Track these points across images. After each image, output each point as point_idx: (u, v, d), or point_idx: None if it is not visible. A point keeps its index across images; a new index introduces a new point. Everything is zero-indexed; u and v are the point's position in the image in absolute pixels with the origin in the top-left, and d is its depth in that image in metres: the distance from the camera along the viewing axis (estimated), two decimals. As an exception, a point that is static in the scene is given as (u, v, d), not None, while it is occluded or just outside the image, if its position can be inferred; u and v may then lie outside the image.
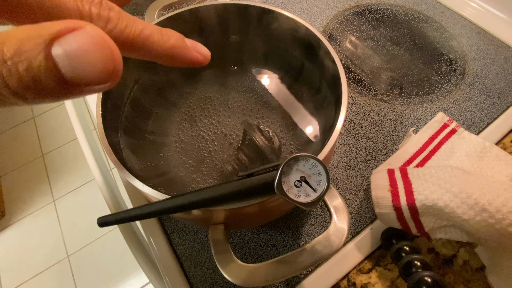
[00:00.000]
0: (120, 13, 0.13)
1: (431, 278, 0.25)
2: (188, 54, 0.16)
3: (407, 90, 0.43)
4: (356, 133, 0.39)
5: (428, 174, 0.28)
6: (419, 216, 0.28)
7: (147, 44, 0.14)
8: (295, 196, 0.20)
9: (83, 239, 1.15)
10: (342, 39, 0.49)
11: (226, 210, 0.22)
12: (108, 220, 0.19)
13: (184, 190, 0.30)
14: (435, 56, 0.46)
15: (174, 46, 0.15)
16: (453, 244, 0.32)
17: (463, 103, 0.41)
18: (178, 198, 0.20)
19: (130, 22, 0.13)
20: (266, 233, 0.33)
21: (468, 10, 0.52)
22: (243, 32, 0.35)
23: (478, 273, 0.30)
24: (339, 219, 0.23)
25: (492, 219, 0.24)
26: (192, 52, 0.16)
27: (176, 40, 0.15)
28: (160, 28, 0.15)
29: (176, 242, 0.33)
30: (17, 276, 1.09)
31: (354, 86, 0.44)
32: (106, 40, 0.11)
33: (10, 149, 1.38)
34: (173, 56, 0.15)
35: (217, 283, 0.31)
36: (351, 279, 0.31)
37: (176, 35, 0.16)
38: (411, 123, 0.40)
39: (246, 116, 0.34)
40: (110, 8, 0.13)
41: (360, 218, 0.34)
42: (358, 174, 0.36)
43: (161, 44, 0.15)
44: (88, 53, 0.10)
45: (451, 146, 0.34)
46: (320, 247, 0.22)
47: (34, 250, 1.14)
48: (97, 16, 0.12)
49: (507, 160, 0.32)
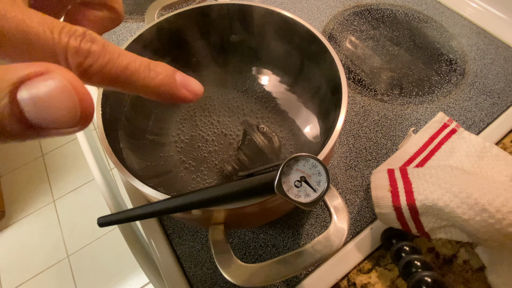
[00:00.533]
0: (104, 47, 0.12)
1: (431, 278, 0.25)
2: (176, 92, 0.15)
3: (407, 90, 0.43)
4: (356, 133, 0.39)
5: (428, 174, 0.28)
6: (419, 216, 0.28)
7: (131, 81, 0.13)
8: (295, 196, 0.20)
9: (83, 239, 1.15)
10: (342, 39, 0.49)
11: (226, 210, 0.22)
12: (108, 220, 0.19)
13: (184, 190, 0.30)
14: (435, 56, 0.46)
15: (161, 84, 0.14)
16: (453, 244, 0.32)
17: (463, 103, 0.41)
18: (178, 198, 0.20)
19: (113, 57, 0.13)
20: (266, 233, 0.33)
21: (468, 10, 0.52)
22: (243, 32, 0.35)
23: (478, 273, 0.30)
24: (339, 219, 0.23)
25: (492, 219, 0.24)
26: (180, 91, 0.15)
27: (164, 77, 0.14)
28: (148, 63, 0.14)
29: (176, 242, 0.33)
30: (17, 276, 1.09)
31: (354, 86, 0.44)
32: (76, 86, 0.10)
33: (10, 149, 1.38)
34: (159, 94, 0.14)
35: (217, 283, 0.31)
36: (351, 279, 0.31)
37: (165, 71, 0.15)
38: (411, 123, 0.40)
39: (246, 116, 0.34)
40: (92, 40, 0.12)
41: (360, 218, 0.34)
42: (358, 174, 0.36)
43: (147, 81, 0.14)
44: (54, 99, 0.10)
45: (451, 146, 0.34)
46: (320, 247, 0.22)
47: (34, 250, 1.14)
48: (75, 50, 0.12)
49: (507, 160, 0.32)
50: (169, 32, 0.33)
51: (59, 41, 0.11)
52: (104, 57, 0.12)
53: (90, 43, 0.12)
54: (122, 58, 0.13)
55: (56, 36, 0.11)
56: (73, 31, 0.12)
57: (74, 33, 0.12)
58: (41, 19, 0.11)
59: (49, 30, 0.11)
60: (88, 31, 0.12)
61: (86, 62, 0.12)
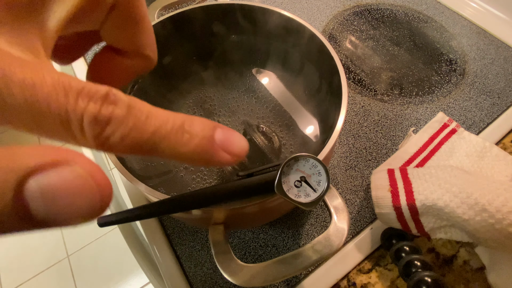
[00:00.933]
0: (129, 109, 0.10)
1: (431, 278, 0.25)
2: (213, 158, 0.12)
3: (407, 90, 0.43)
4: (356, 133, 0.39)
5: (428, 174, 0.28)
6: (419, 216, 0.28)
7: (159, 148, 0.11)
8: (295, 196, 0.20)
9: (83, 239, 1.15)
10: (342, 39, 0.49)
11: (226, 210, 0.22)
12: (108, 220, 0.19)
13: (184, 190, 0.30)
14: (435, 56, 0.46)
15: (196, 150, 0.11)
16: (453, 244, 0.32)
17: (463, 103, 0.41)
18: (178, 198, 0.20)
19: (139, 122, 0.10)
20: (266, 233, 0.33)
21: (468, 10, 0.52)
22: (243, 32, 0.35)
23: (478, 273, 0.30)
24: (339, 219, 0.23)
25: (492, 219, 0.24)
26: (219, 155, 0.12)
27: (201, 140, 0.12)
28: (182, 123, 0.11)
29: (176, 242, 0.33)
30: (17, 276, 1.09)
31: (354, 86, 0.44)
32: (97, 178, 0.09)
33: (10, 149, 1.38)
34: (193, 160, 0.12)
35: (217, 283, 0.31)
36: (351, 279, 0.31)
37: (203, 131, 0.12)
38: (411, 123, 0.40)
39: (246, 116, 0.34)
40: (116, 102, 0.10)
41: (360, 218, 0.34)
42: (358, 174, 0.36)
43: (178, 148, 0.11)
44: (70, 195, 0.08)
45: (451, 146, 0.34)
46: (320, 247, 0.22)
47: (34, 250, 1.14)
48: (93, 118, 0.09)
49: (507, 160, 0.32)
50: (169, 32, 0.33)
51: (75, 107, 0.09)
52: (128, 124, 0.10)
53: (113, 107, 0.10)
54: (151, 121, 0.10)
55: (72, 101, 0.09)
56: (93, 92, 0.10)
57: (94, 96, 0.10)
58: (56, 80, 0.09)
59: (64, 93, 0.09)
60: (112, 91, 0.10)
61: (106, 132, 0.10)
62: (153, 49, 0.16)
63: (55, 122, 0.09)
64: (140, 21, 0.15)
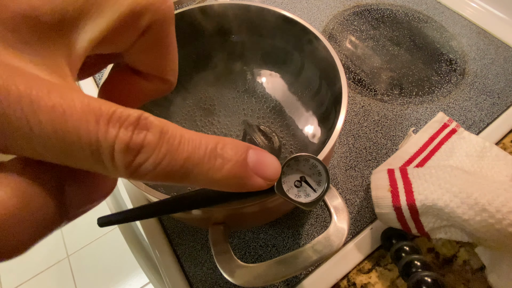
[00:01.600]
0: (162, 135, 0.09)
1: (431, 278, 0.25)
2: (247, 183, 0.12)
3: (407, 90, 0.43)
4: (356, 133, 0.39)
5: (428, 174, 0.28)
6: (419, 216, 0.28)
7: (192, 175, 0.10)
8: (295, 196, 0.20)
9: (83, 239, 1.15)
10: (342, 39, 0.49)
11: (226, 210, 0.22)
12: (108, 220, 0.19)
13: (184, 190, 0.30)
14: (435, 56, 0.46)
15: (229, 176, 0.11)
16: (453, 244, 0.32)
17: (463, 103, 0.41)
18: (178, 198, 0.20)
19: (172, 148, 0.10)
20: (266, 233, 0.33)
21: (468, 10, 0.52)
22: (243, 32, 0.35)
23: (478, 273, 0.30)
24: (339, 219, 0.23)
25: (492, 219, 0.24)
26: (252, 180, 0.12)
27: (234, 165, 0.11)
28: (215, 146, 0.11)
29: (176, 242, 0.33)
30: (17, 276, 1.09)
31: (354, 86, 0.44)
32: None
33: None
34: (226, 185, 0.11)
35: (217, 283, 0.31)
36: (351, 279, 0.31)
37: (236, 155, 0.11)
38: (411, 123, 0.40)
39: (246, 116, 0.34)
40: (148, 127, 0.09)
41: (360, 218, 0.34)
42: (358, 174, 0.36)
43: (212, 173, 0.11)
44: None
45: (451, 146, 0.34)
46: (320, 247, 0.22)
47: (34, 250, 1.13)
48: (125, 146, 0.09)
49: (507, 160, 0.32)
50: (169, 32, 0.33)
51: (106, 135, 0.09)
52: (160, 151, 0.09)
53: (145, 133, 0.09)
54: (183, 147, 0.10)
55: (103, 127, 0.08)
56: (125, 117, 0.09)
57: (126, 121, 0.09)
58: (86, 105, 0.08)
59: (94, 120, 0.08)
60: (144, 115, 0.09)
61: (138, 160, 0.09)
62: (175, 74, 0.15)
63: (84, 152, 0.08)
64: (169, 45, 0.14)
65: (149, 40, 0.13)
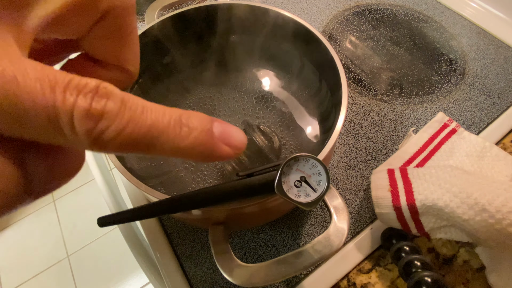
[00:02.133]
0: (123, 102, 0.09)
1: (431, 278, 0.25)
2: (213, 152, 0.12)
3: (407, 90, 0.43)
4: (356, 133, 0.39)
5: (428, 174, 0.28)
6: (419, 216, 0.28)
7: (157, 143, 0.10)
8: (295, 196, 0.20)
9: (83, 239, 1.15)
10: (342, 39, 0.49)
11: (226, 210, 0.22)
12: (108, 220, 0.19)
13: (184, 190, 0.30)
14: (435, 56, 0.46)
15: (195, 144, 0.11)
16: (453, 244, 0.32)
17: (463, 103, 0.41)
18: (178, 198, 0.20)
19: (135, 115, 0.10)
20: (266, 233, 0.33)
21: (468, 10, 0.52)
22: (243, 32, 0.35)
23: (478, 273, 0.30)
24: (339, 219, 0.23)
25: (492, 219, 0.24)
26: (219, 148, 0.12)
27: (200, 133, 0.11)
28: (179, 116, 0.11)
29: (176, 242, 0.33)
30: (17, 276, 1.09)
31: (354, 86, 0.44)
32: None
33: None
34: (193, 155, 0.11)
35: (217, 283, 0.31)
36: (351, 279, 0.31)
37: (201, 124, 0.11)
38: (411, 123, 0.40)
39: (246, 116, 0.34)
40: (108, 95, 0.09)
41: (360, 218, 0.34)
42: (358, 174, 0.36)
43: (177, 142, 0.11)
44: None
45: (451, 146, 0.34)
46: (320, 247, 0.22)
47: (34, 250, 1.14)
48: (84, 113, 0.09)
49: (507, 160, 0.32)
50: (169, 32, 0.33)
51: (63, 102, 0.08)
52: (123, 117, 0.09)
53: (105, 100, 0.09)
54: (147, 115, 0.10)
55: (59, 95, 0.08)
56: (83, 85, 0.09)
57: (84, 88, 0.09)
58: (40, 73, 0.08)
59: (50, 87, 0.08)
60: (103, 84, 0.09)
61: (99, 127, 0.09)
62: (136, 64, 0.15)
63: (41, 119, 0.08)
64: (129, 34, 0.14)
65: (106, 26, 0.13)
